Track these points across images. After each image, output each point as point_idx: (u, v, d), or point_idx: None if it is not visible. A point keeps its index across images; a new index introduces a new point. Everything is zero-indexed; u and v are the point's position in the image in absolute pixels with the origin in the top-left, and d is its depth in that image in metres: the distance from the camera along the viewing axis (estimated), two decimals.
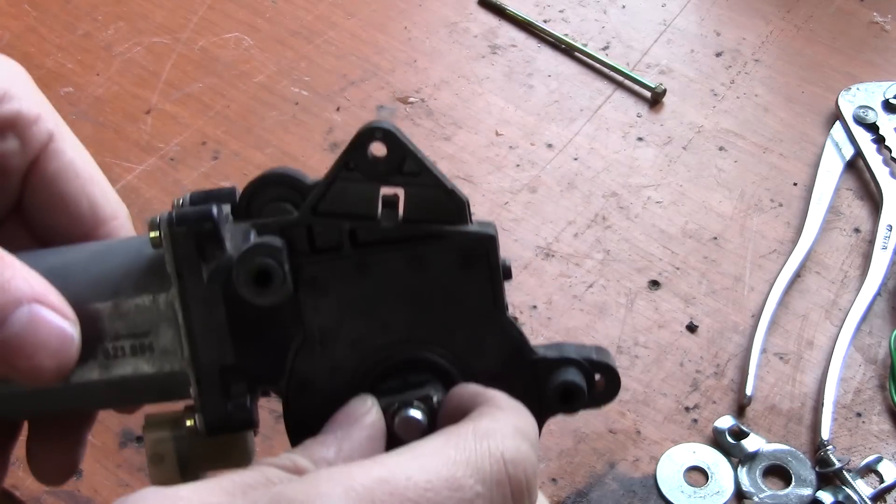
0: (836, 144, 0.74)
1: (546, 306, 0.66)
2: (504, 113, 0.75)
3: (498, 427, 0.35)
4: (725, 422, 0.61)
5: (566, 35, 0.79)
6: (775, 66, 0.79)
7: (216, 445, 0.38)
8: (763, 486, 0.59)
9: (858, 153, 0.73)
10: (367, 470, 0.33)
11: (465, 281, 0.36)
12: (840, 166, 0.72)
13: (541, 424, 0.38)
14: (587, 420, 0.61)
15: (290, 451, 0.36)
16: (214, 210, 0.35)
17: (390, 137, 0.35)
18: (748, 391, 0.62)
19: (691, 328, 0.65)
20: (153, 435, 0.38)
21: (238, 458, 0.38)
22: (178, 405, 0.39)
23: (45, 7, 0.79)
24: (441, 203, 0.36)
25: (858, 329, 0.65)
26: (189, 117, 0.73)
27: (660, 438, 0.61)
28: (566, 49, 0.79)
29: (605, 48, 0.79)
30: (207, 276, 0.35)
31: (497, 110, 0.76)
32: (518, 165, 0.73)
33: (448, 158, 0.73)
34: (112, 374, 0.37)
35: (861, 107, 0.75)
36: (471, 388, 0.37)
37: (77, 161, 0.44)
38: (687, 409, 0.62)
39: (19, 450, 0.58)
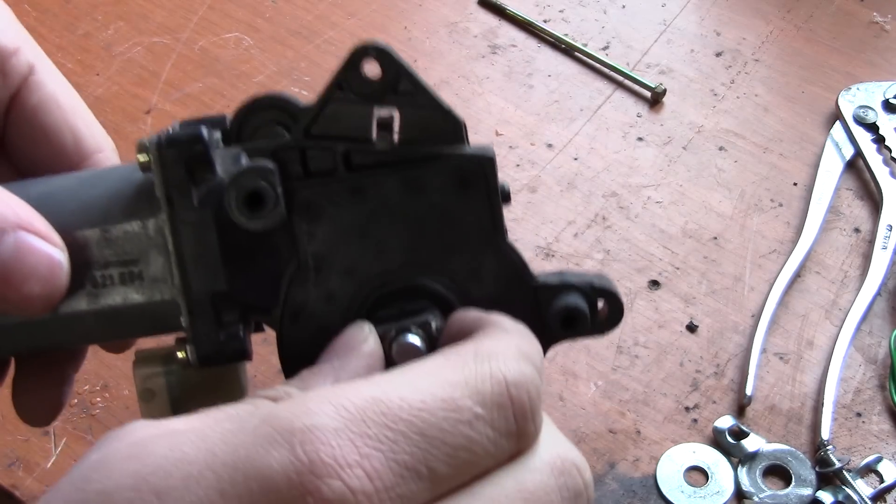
0: (836, 144, 0.74)
1: None
2: (504, 113, 0.75)
3: (500, 348, 0.34)
4: (725, 422, 0.61)
5: (566, 35, 0.79)
6: (775, 66, 0.79)
7: (208, 380, 0.37)
8: (763, 486, 0.59)
9: (858, 153, 0.73)
10: (359, 389, 0.32)
11: (462, 204, 0.35)
12: (840, 166, 0.72)
13: (545, 350, 0.37)
14: (587, 420, 0.61)
15: (285, 382, 0.34)
16: (205, 131, 0.34)
17: (384, 56, 0.34)
18: (748, 391, 0.62)
19: (691, 328, 0.65)
20: (143, 370, 0.37)
21: (231, 392, 0.37)
22: (169, 341, 0.38)
23: (45, 7, 0.79)
24: (437, 124, 0.35)
25: (858, 329, 0.65)
26: (189, 117, 0.73)
27: (660, 438, 0.61)
28: (566, 49, 0.79)
29: (605, 48, 0.79)
30: (198, 200, 0.34)
31: (497, 110, 0.76)
32: (518, 165, 0.73)
33: None
34: (101, 303, 0.36)
35: (861, 107, 0.75)
36: (472, 313, 0.36)
37: (59, 93, 0.43)
38: (687, 409, 0.62)
39: (18, 449, 0.59)
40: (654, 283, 0.67)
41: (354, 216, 0.35)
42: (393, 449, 0.31)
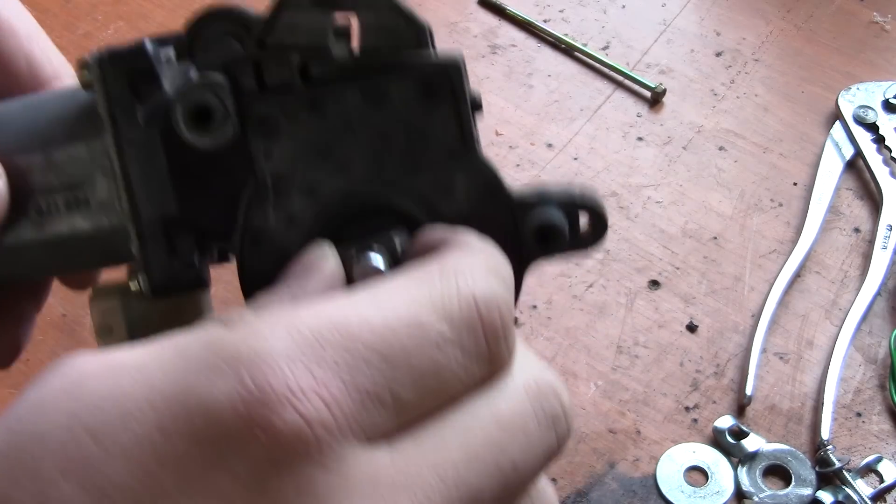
0: (836, 144, 0.74)
1: (546, 306, 0.66)
2: (504, 113, 0.75)
3: (467, 264, 0.31)
4: (725, 422, 0.61)
5: (566, 35, 0.79)
6: (775, 65, 0.79)
7: (168, 311, 0.34)
8: (763, 486, 0.59)
9: (858, 153, 0.73)
10: (316, 310, 0.29)
11: (429, 114, 0.32)
12: (840, 166, 0.72)
13: (522, 272, 0.35)
14: (587, 420, 0.61)
15: (240, 308, 0.31)
16: (149, 45, 0.31)
17: None
18: (748, 391, 0.62)
19: (691, 328, 0.65)
20: (100, 304, 0.35)
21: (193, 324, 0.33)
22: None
23: (45, 7, 0.79)
24: (399, 29, 0.32)
25: (858, 329, 0.65)
26: None
27: (660, 438, 0.61)
28: (566, 49, 0.79)
29: (605, 48, 0.79)
30: (143, 118, 0.32)
31: (497, 110, 0.76)
32: (518, 165, 0.73)
33: None
34: (47, 232, 0.34)
35: (861, 107, 0.75)
36: (439, 230, 0.34)
37: (14, 18, 0.40)
38: (687, 408, 0.62)
39: None
40: (654, 283, 0.67)
41: (314, 132, 0.32)
42: (353, 374, 0.28)
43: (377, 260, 0.32)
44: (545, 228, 0.34)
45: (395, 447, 0.29)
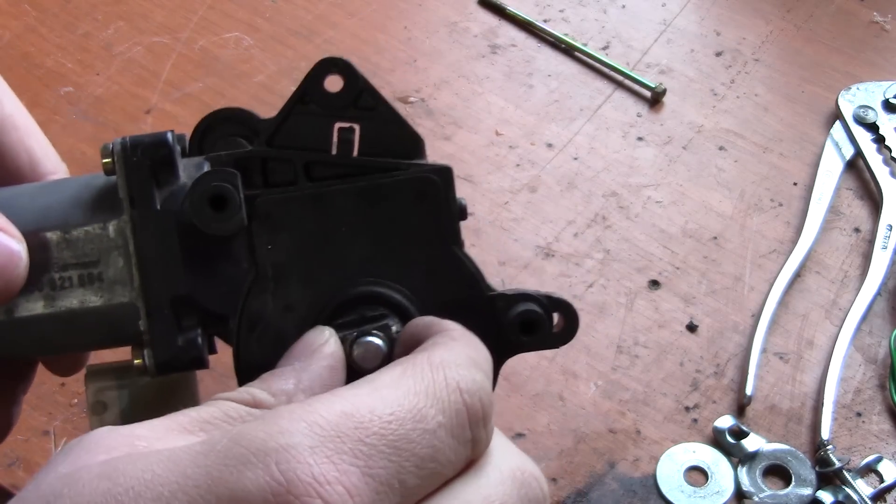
0: (836, 144, 0.74)
1: None
2: (504, 113, 0.75)
3: (452, 357, 0.34)
4: (725, 421, 0.61)
5: (566, 35, 0.79)
6: (775, 65, 0.79)
7: (161, 393, 0.36)
8: (763, 486, 0.59)
9: (858, 153, 0.73)
10: (329, 404, 0.31)
11: (420, 215, 0.36)
12: (840, 166, 0.72)
13: (501, 362, 0.38)
14: (587, 420, 0.61)
15: (248, 385, 0.34)
16: (170, 136, 0.35)
17: (347, 70, 0.36)
18: (748, 391, 0.62)
19: (691, 328, 0.65)
20: (96, 383, 0.36)
21: (183, 405, 0.35)
22: (117, 357, 0.37)
23: (45, 7, 0.79)
24: (397, 138, 0.36)
25: (858, 329, 0.65)
26: (189, 117, 0.73)
27: (660, 438, 0.61)
28: (566, 49, 0.79)
29: (605, 48, 0.79)
30: (161, 202, 0.34)
31: (497, 110, 0.76)
32: (518, 165, 0.73)
33: (448, 158, 0.73)
34: (58, 306, 0.35)
35: (861, 106, 0.75)
36: (426, 319, 0.36)
37: (16, 115, 0.42)
38: (687, 408, 0.62)
39: (18, 449, 0.59)
40: (654, 283, 0.67)
41: (314, 226, 0.35)
42: (368, 464, 0.31)
43: (377, 340, 0.35)
44: (528, 319, 0.37)
45: None
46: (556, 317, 0.38)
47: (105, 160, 0.35)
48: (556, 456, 0.60)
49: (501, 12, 0.81)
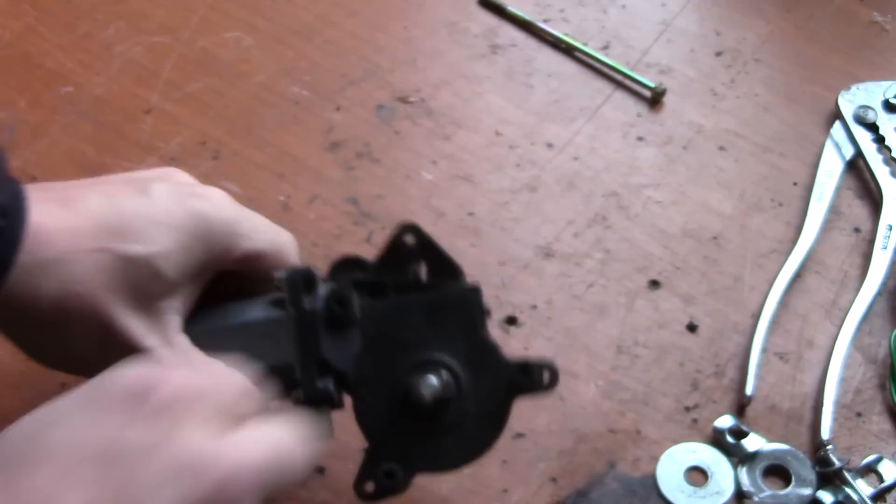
0: (836, 144, 0.74)
1: (546, 306, 0.66)
2: (504, 112, 0.75)
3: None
4: (725, 421, 0.61)
5: (566, 35, 0.79)
6: (775, 65, 0.79)
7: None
8: (763, 486, 0.59)
9: (858, 153, 0.73)
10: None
11: (462, 313, 0.53)
12: (840, 166, 0.72)
13: (510, 402, 0.52)
14: (587, 420, 0.61)
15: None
16: (314, 269, 0.53)
17: (418, 232, 0.54)
18: (748, 391, 0.62)
19: (691, 328, 0.65)
20: None
21: (321, 429, 0.51)
22: None
23: (45, 7, 0.79)
24: (448, 271, 0.54)
25: (858, 329, 0.65)
26: (189, 117, 0.74)
27: (660, 438, 0.61)
28: (566, 49, 0.79)
29: (605, 48, 0.79)
30: (309, 304, 0.52)
31: (497, 110, 0.76)
32: (518, 165, 0.73)
33: (448, 158, 0.73)
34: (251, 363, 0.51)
35: (861, 106, 0.75)
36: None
37: (260, 231, 0.54)
38: (687, 408, 0.62)
39: None
40: (654, 283, 0.67)
41: (398, 320, 0.53)
42: None
43: (435, 382, 0.51)
44: (527, 364, 0.52)
45: None
46: (546, 376, 0.53)
47: (277, 278, 0.52)
48: (556, 456, 0.60)
49: (501, 12, 0.81)
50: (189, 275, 0.50)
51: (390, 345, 0.53)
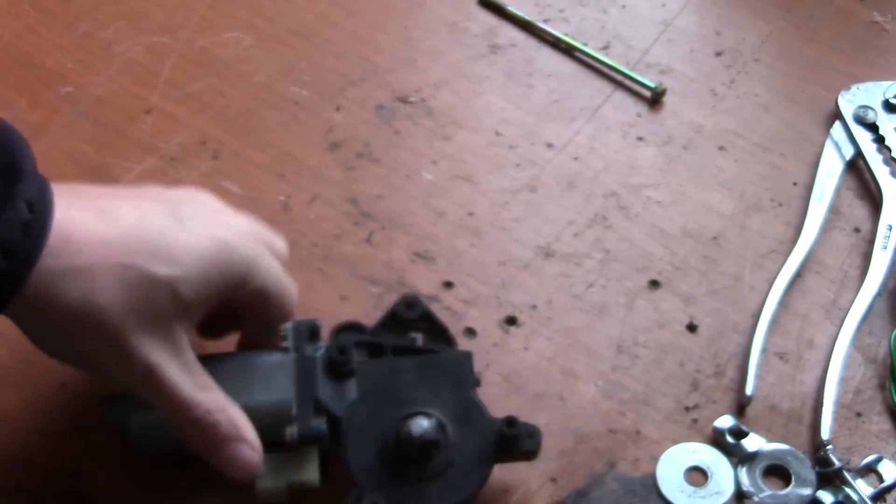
0: (836, 144, 0.74)
1: (546, 306, 0.66)
2: (504, 112, 0.75)
3: None
4: (725, 421, 0.61)
5: (566, 35, 0.79)
6: (775, 65, 0.79)
7: (296, 459, 0.56)
8: (763, 486, 0.59)
9: (858, 153, 0.73)
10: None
11: (451, 376, 0.57)
12: (840, 166, 0.72)
13: (491, 465, 0.55)
14: (587, 420, 0.61)
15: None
16: (317, 321, 0.59)
17: (415, 300, 0.60)
18: (748, 391, 0.62)
19: (691, 328, 0.65)
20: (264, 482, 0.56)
21: (311, 468, 0.56)
22: None
23: (45, 7, 0.79)
24: (442, 337, 0.60)
25: (858, 329, 0.65)
26: (189, 117, 0.73)
27: (660, 438, 0.61)
28: (566, 49, 0.79)
29: (605, 48, 0.79)
30: (311, 351, 0.57)
31: (497, 110, 0.76)
32: (518, 165, 0.73)
33: (448, 158, 0.73)
34: (250, 400, 0.55)
35: (861, 106, 0.75)
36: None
37: (273, 275, 0.57)
38: (687, 408, 0.62)
39: (19, 449, 0.59)
40: (654, 283, 0.67)
41: (391, 377, 0.57)
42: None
43: (425, 423, 0.55)
44: (511, 418, 0.56)
45: None
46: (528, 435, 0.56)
47: (282, 333, 0.58)
48: (556, 456, 0.60)
49: (501, 12, 0.81)
50: (204, 300, 0.52)
51: (383, 398, 0.56)
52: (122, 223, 0.51)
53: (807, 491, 0.59)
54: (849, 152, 0.73)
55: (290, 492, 0.55)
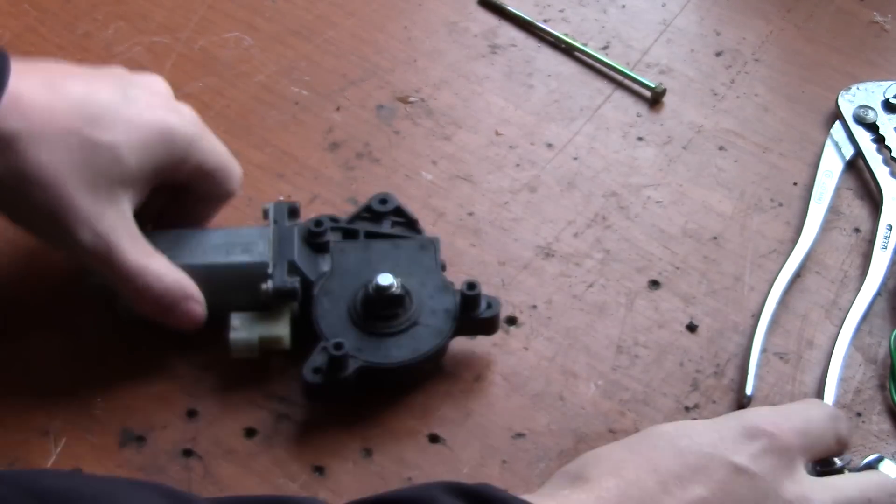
0: (836, 144, 0.74)
1: (546, 306, 0.66)
2: (504, 112, 0.75)
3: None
4: None
5: (566, 35, 0.79)
6: (775, 65, 0.79)
7: (269, 317, 0.61)
8: None
9: (858, 153, 0.73)
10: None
11: (421, 255, 0.63)
12: (840, 166, 0.72)
13: (452, 330, 0.60)
14: (587, 420, 0.61)
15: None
16: (297, 204, 0.65)
17: (387, 196, 0.66)
18: (748, 391, 0.62)
19: (691, 328, 0.65)
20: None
21: (282, 321, 0.60)
22: None
23: (45, 7, 0.79)
24: (411, 225, 0.65)
25: (858, 329, 0.65)
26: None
27: None
28: (566, 49, 0.79)
29: (605, 48, 0.79)
30: (289, 224, 0.63)
31: (497, 110, 0.76)
32: (518, 165, 0.73)
33: (448, 158, 0.73)
34: (230, 259, 0.61)
35: (861, 106, 0.75)
36: None
37: (215, 152, 0.61)
38: (687, 408, 0.62)
39: (17, 449, 0.59)
40: (654, 283, 0.67)
41: (364, 255, 0.63)
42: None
43: (392, 281, 0.61)
44: (471, 282, 0.61)
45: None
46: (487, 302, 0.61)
47: (264, 207, 0.64)
48: (556, 456, 0.60)
49: (501, 12, 0.81)
50: (146, 171, 0.57)
51: (355, 271, 0.61)
52: (68, 95, 0.55)
53: None
54: (849, 152, 0.73)
55: (262, 348, 0.60)
